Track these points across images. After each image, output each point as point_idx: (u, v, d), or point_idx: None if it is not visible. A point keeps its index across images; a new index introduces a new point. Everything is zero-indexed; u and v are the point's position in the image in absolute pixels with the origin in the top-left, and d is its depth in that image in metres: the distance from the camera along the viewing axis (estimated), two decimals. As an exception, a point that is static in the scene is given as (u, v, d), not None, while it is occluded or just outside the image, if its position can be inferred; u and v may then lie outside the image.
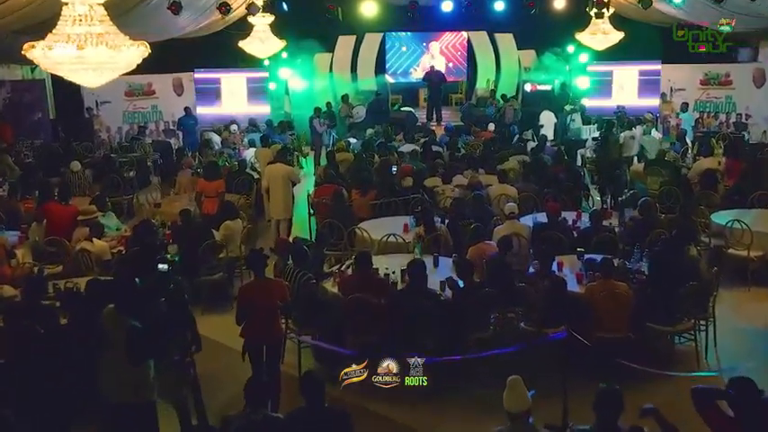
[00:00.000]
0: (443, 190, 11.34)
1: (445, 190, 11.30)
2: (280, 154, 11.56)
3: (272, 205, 11.00)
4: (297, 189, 14.48)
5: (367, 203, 10.83)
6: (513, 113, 18.10)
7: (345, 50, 21.36)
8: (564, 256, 8.41)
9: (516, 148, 13.66)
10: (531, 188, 11.07)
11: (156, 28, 16.15)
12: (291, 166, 11.18)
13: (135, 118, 19.01)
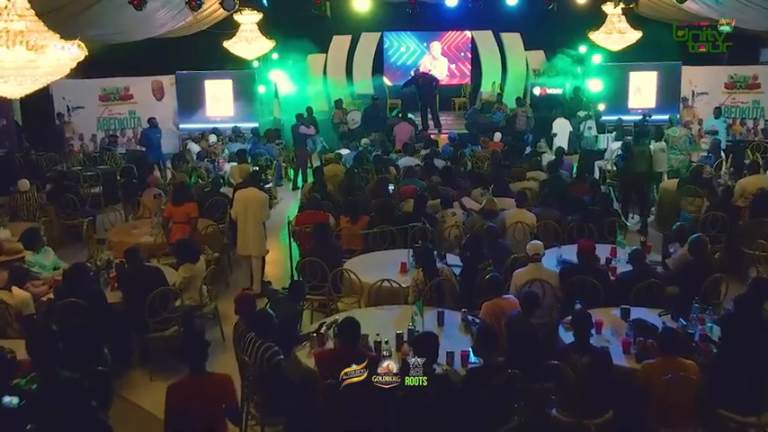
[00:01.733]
0: (444, 216, 9.45)
1: (445, 216, 9.39)
2: (252, 177, 9.53)
3: (240, 239, 9.06)
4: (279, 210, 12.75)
5: (358, 233, 8.98)
6: (525, 120, 16.20)
7: (340, 51, 19.58)
8: (602, 311, 6.57)
9: (531, 162, 11.74)
10: (553, 214, 9.20)
11: (128, 27, 14.30)
12: (264, 193, 9.18)
13: (110, 125, 17.15)
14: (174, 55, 17.26)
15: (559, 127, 15.00)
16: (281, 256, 10.26)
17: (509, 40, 19.58)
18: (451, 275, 7.20)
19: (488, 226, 8.07)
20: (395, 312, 6.83)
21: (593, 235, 8.81)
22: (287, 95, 18.39)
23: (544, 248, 8.14)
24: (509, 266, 7.69)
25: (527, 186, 10.72)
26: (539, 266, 7.11)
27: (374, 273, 7.68)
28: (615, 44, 16.14)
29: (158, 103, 17.55)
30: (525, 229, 9.00)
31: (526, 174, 11.04)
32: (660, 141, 12.20)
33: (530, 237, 8.97)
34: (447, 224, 9.11)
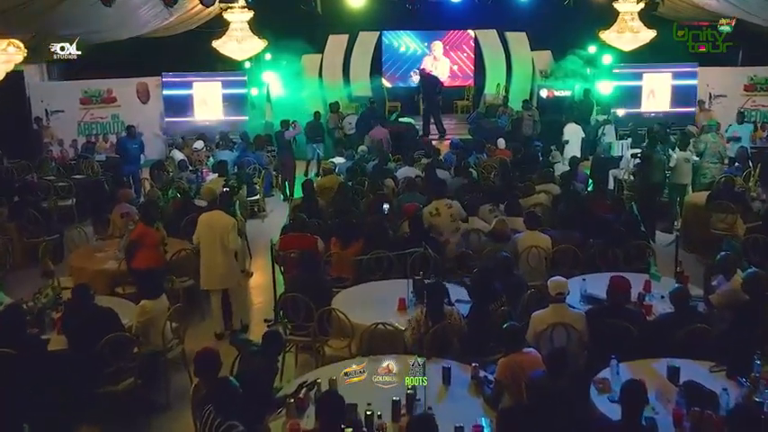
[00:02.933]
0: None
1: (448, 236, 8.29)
2: (221, 198, 8.20)
3: (203, 271, 7.68)
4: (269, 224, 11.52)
5: (350, 259, 7.77)
6: (531, 125, 14.98)
7: (337, 51, 18.34)
8: (641, 365, 5.37)
9: (543, 173, 10.50)
10: (572, 238, 7.98)
11: (106, 26, 13.08)
12: (231, 218, 7.80)
13: (92, 129, 15.94)
14: (160, 56, 16.10)
15: (571, 133, 13.74)
16: (268, 280, 9.05)
17: (514, 39, 18.33)
18: (460, 318, 5.98)
19: (501, 256, 6.84)
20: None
21: (618, 261, 7.63)
22: (280, 98, 17.17)
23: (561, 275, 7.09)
24: (525, 304, 6.49)
25: (538, 201, 9.51)
26: (562, 308, 5.89)
27: (368, 310, 6.52)
28: (628, 44, 14.97)
29: (143, 107, 16.37)
30: (540, 253, 7.80)
31: (536, 187, 9.78)
32: (685, 150, 10.93)
33: (545, 263, 7.81)
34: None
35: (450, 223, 8.32)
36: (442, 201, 8.46)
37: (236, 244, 7.58)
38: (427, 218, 8.36)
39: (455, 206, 8.46)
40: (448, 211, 8.36)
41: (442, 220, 8.36)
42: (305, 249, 7.17)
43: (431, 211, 8.42)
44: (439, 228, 8.36)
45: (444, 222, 8.35)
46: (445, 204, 8.40)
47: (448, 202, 8.46)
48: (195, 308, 7.95)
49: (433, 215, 8.40)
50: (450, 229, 8.31)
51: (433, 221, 8.40)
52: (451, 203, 8.43)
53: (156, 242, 7.58)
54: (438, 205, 8.44)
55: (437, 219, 8.38)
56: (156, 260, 7.44)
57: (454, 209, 8.42)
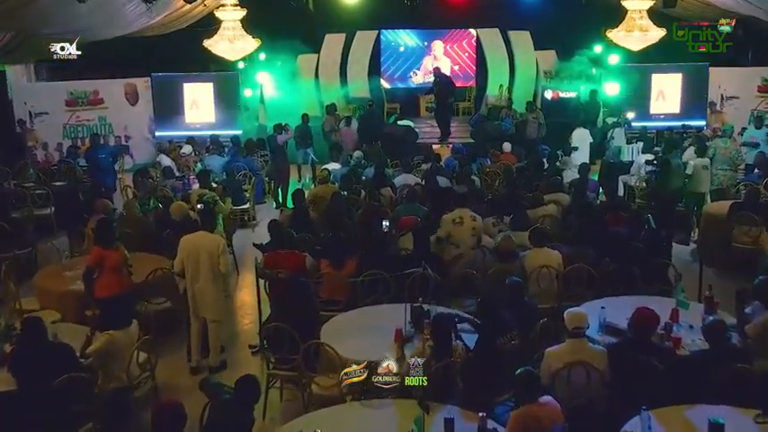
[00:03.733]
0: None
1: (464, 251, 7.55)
2: (201, 215, 7.28)
3: (191, 300, 6.79)
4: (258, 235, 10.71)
5: (343, 280, 7.00)
6: (536, 128, 14.21)
7: (333, 51, 17.62)
8: (673, 412, 4.62)
9: (551, 182, 9.70)
10: (586, 255, 7.21)
11: (88, 25, 12.31)
12: (219, 237, 7.04)
13: (78, 132, 15.16)
14: (149, 55, 15.36)
15: (580, 139, 12.95)
16: (256, 299, 8.29)
17: (518, 38, 17.58)
18: (465, 354, 5.22)
19: (511, 282, 6.06)
20: (387, 412, 4.85)
21: (637, 282, 6.87)
22: (274, 100, 16.41)
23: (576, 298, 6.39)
24: (538, 335, 5.74)
25: (546, 213, 8.73)
26: (581, 344, 5.12)
27: (361, 341, 5.76)
28: (636, 43, 14.20)
29: (132, 109, 15.62)
30: (551, 273, 7.04)
31: (544, 198, 9.00)
32: (703, 157, 10.16)
33: (557, 283, 7.05)
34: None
35: (470, 237, 7.55)
36: (466, 210, 7.69)
37: (227, 267, 6.76)
38: (447, 225, 7.61)
39: (479, 221, 7.69)
40: (471, 223, 7.58)
41: (464, 231, 7.58)
42: (293, 273, 6.36)
43: (454, 218, 7.63)
44: (457, 239, 7.59)
45: (465, 234, 7.57)
46: (470, 215, 7.62)
47: (473, 213, 7.68)
48: (172, 334, 7.15)
49: (455, 223, 7.61)
50: (468, 244, 7.53)
51: (454, 231, 7.63)
52: (476, 216, 7.66)
53: (118, 264, 6.65)
54: (462, 214, 7.63)
55: (458, 228, 7.60)
56: (119, 285, 6.56)
57: (478, 223, 7.65)
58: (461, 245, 7.53)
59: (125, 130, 15.54)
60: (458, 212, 7.65)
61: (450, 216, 7.66)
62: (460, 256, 7.43)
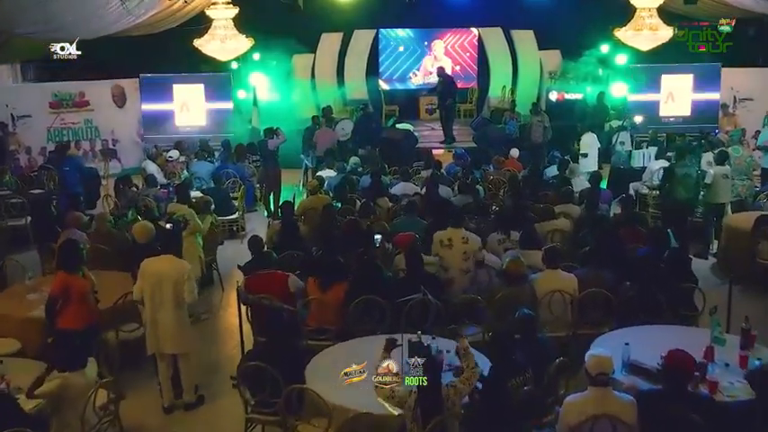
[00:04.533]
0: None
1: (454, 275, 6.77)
2: (167, 239, 6.42)
3: (149, 332, 6.00)
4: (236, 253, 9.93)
5: (332, 305, 6.25)
6: (542, 131, 13.45)
7: (330, 51, 16.84)
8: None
9: (562, 192, 8.92)
10: (602, 278, 6.45)
11: (68, 23, 11.56)
12: (185, 263, 6.07)
13: (63, 136, 14.38)
14: (138, 56, 14.58)
15: (589, 145, 12.22)
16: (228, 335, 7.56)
17: (521, 38, 16.80)
18: (458, 399, 4.46)
19: (522, 315, 5.30)
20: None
21: (660, 309, 6.13)
22: (268, 102, 15.65)
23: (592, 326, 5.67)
24: (552, 376, 4.99)
25: (557, 227, 7.98)
26: (606, 394, 4.36)
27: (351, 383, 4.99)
28: (646, 43, 13.54)
29: (119, 111, 14.88)
30: (565, 298, 6.30)
31: (555, 209, 8.24)
32: (723, 165, 9.39)
33: (571, 310, 6.31)
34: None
35: (461, 261, 6.77)
36: (458, 231, 6.88)
37: (193, 297, 5.97)
38: (436, 246, 6.86)
39: (473, 242, 6.87)
40: (462, 246, 6.80)
41: (453, 254, 6.81)
42: (277, 306, 5.58)
43: (442, 239, 6.87)
44: (446, 262, 6.83)
45: (455, 258, 6.80)
46: (462, 237, 6.83)
47: (466, 234, 6.88)
48: (145, 366, 6.39)
49: (443, 245, 6.85)
50: (459, 268, 6.77)
51: (442, 253, 6.87)
52: (469, 238, 6.86)
53: (85, 292, 5.89)
54: (452, 235, 6.86)
55: (447, 251, 6.83)
56: (86, 317, 5.79)
57: (471, 245, 6.84)
58: (450, 269, 6.79)
59: (112, 134, 14.80)
60: (449, 233, 6.89)
61: (439, 236, 6.92)
62: (450, 281, 6.68)
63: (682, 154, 9.36)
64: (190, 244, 7.56)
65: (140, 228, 6.86)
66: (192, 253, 7.57)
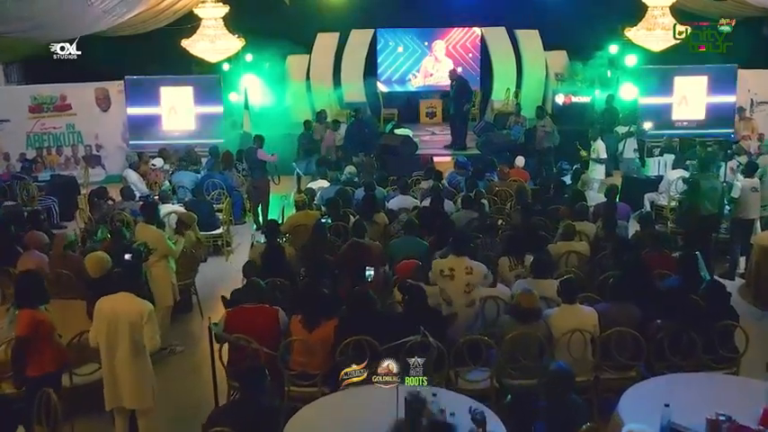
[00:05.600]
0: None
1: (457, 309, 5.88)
2: (125, 274, 5.31)
3: (106, 383, 5.06)
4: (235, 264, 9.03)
5: (319, 345, 5.36)
6: (546, 137, 12.56)
7: (326, 51, 15.99)
8: None
9: (576, 209, 7.97)
10: (628, 315, 5.56)
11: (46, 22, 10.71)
12: (146, 303, 5.01)
13: (43, 141, 13.52)
14: (123, 57, 13.73)
15: (603, 151, 11.34)
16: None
17: (525, 37, 15.94)
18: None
19: (558, 371, 4.38)
20: None
21: (695, 350, 5.26)
22: (262, 105, 14.78)
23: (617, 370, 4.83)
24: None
25: (572, 249, 7.10)
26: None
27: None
28: (658, 43, 12.77)
29: (103, 115, 13.97)
30: (585, 338, 5.42)
31: (575, 229, 7.34)
32: (752, 176, 8.50)
33: (593, 352, 5.44)
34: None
35: (463, 294, 5.88)
36: (461, 260, 5.98)
37: (154, 343, 5.01)
38: (436, 275, 5.95)
39: (477, 272, 5.96)
40: (466, 278, 5.89)
41: (456, 286, 5.91)
42: (257, 365, 4.65)
43: (443, 269, 5.96)
44: (448, 295, 5.94)
45: (457, 290, 5.90)
46: (465, 267, 5.92)
47: (470, 264, 5.97)
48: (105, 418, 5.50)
49: (444, 275, 5.94)
50: (462, 302, 5.87)
51: (443, 284, 5.96)
52: (474, 268, 5.95)
53: (51, 331, 5.07)
54: (455, 265, 5.95)
55: (448, 283, 5.92)
56: (57, 359, 5.00)
57: (475, 275, 5.93)
58: (453, 302, 5.88)
59: (96, 139, 13.91)
60: (450, 261, 5.98)
61: (439, 264, 6.02)
62: (453, 316, 5.78)
63: (705, 164, 8.49)
64: (160, 270, 6.68)
65: (93, 260, 5.92)
66: (162, 279, 6.70)
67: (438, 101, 16.14)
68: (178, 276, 7.43)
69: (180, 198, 10.10)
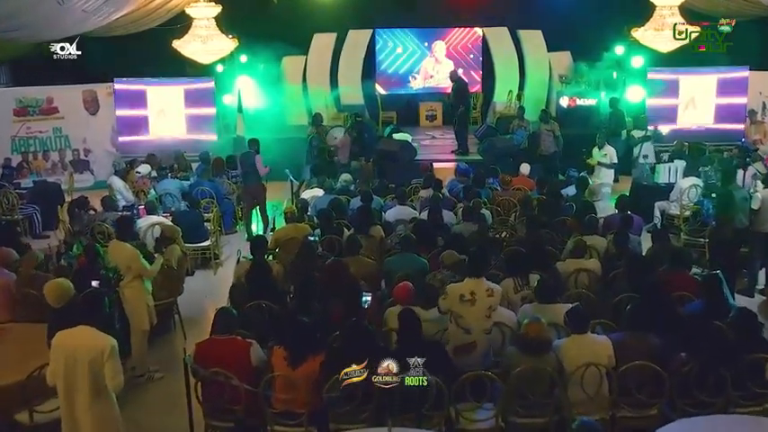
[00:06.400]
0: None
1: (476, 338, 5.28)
2: (85, 304, 4.61)
3: (66, 428, 4.46)
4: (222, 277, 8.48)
5: (304, 382, 4.78)
6: (552, 141, 11.99)
7: (323, 52, 15.41)
8: None
9: (586, 222, 7.39)
10: (647, 346, 4.96)
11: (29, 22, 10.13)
12: (109, 338, 4.41)
13: (29, 146, 12.96)
14: (112, 58, 13.18)
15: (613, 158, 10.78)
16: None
17: (528, 38, 15.36)
18: None
19: (583, 426, 3.79)
20: None
21: (725, 388, 4.69)
22: (256, 108, 14.20)
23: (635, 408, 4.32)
24: None
25: (582, 267, 6.51)
26: None
27: None
28: (666, 44, 12.22)
29: (92, 119, 13.41)
30: (600, 372, 4.85)
31: (583, 245, 6.75)
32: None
33: (609, 387, 4.86)
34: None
35: (484, 318, 5.25)
36: (480, 282, 5.33)
37: (116, 383, 4.41)
38: (453, 303, 5.28)
39: (497, 293, 5.35)
40: (487, 301, 5.25)
41: (477, 311, 5.25)
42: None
43: (463, 293, 5.27)
44: (466, 321, 5.27)
45: (478, 315, 5.25)
46: (486, 289, 5.29)
47: (489, 286, 5.35)
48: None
49: (464, 300, 5.26)
50: (482, 328, 5.25)
51: (462, 311, 5.27)
52: (493, 290, 5.33)
53: None
54: (475, 288, 5.27)
55: (468, 308, 5.25)
56: None
57: (496, 297, 5.31)
58: (473, 330, 5.25)
59: (84, 143, 13.35)
60: (469, 285, 5.31)
61: (458, 289, 5.33)
62: (472, 345, 5.18)
63: (730, 174, 7.88)
64: (134, 291, 6.11)
65: (52, 288, 5.24)
66: (137, 302, 6.13)
67: (438, 103, 15.59)
68: (161, 294, 6.91)
69: (167, 207, 9.53)
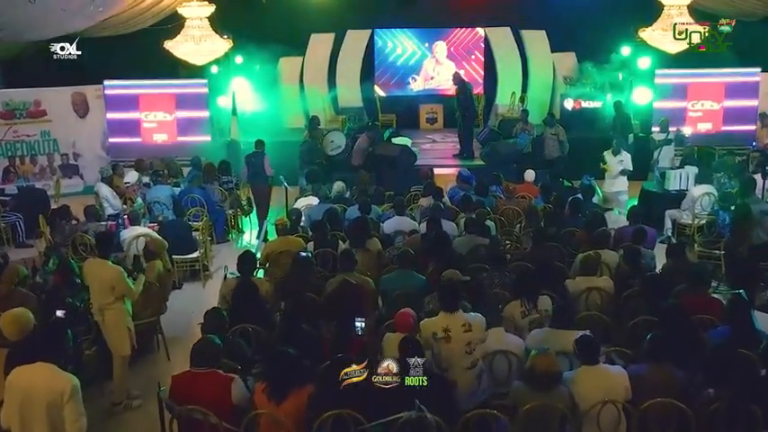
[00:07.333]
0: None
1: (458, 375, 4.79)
2: (46, 337, 4.12)
3: None
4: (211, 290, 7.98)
5: (291, 418, 4.30)
6: (556, 146, 11.52)
7: (321, 53, 14.95)
8: None
9: (596, 235, 6.89)
10: (673, 380, 4.49)
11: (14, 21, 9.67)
12: (69, 377, 3.90)
13: (16, 149, 12.49)
14: (102, 59, 12.68)
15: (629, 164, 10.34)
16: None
17: (532, 39, 14.88)
18: None
19: None
20: None
21: (756, 425, 4.21)
22: (253, 110, 13.74)
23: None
24: None
25: (594, 285, 6.03)
26: None
27: None
28: (675, 44, 11.81)
29: (81, 122, 12.97)
30: (618, 408, 4.37)
31: (598, 261, 6.26)
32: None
33: (624, 423, 4.39)
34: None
35: (464, 355, 4.77)
36: (456, 317, 4.84)
37: (77, 428, 3.90)
38: (427, 340, 4.81)
39: (476, 326, 4.82)
40: (464, 336, 4.75)
41: (454, 348, 4.77)
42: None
43: (435, 331, 4.79)
44: (444, 359, 4.81)
45: (456, 353, 4.77)
46: (462, 324, 4.78)
47: (466, 318, 4.83)
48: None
49: (438, 338, 4.80)
50: (462, 365, 4.76)
51: (438, 349, 4.81)
52: (471, 323, 4.81)
53: None
54: (450, 323, 4.78)
55: (444, 346, 4.79)
56: None
57: (475, 331, 4.79)
58: (451, 369, 4.75)
59: (73, 147, 12.88)
60: (442, 320, 4.81)
61: (429, 327, 4.82)
62: (453, 383, 4.69)
63: (748, 186, 7.41)
64: (114, 314, 5.62)
65: (9, 319, 4.70)
66: (117, 325, 5.65)
67: (439, 106, 15.14)
68: (143, 314, 6.44)
69: (154, 216, 9.05)
